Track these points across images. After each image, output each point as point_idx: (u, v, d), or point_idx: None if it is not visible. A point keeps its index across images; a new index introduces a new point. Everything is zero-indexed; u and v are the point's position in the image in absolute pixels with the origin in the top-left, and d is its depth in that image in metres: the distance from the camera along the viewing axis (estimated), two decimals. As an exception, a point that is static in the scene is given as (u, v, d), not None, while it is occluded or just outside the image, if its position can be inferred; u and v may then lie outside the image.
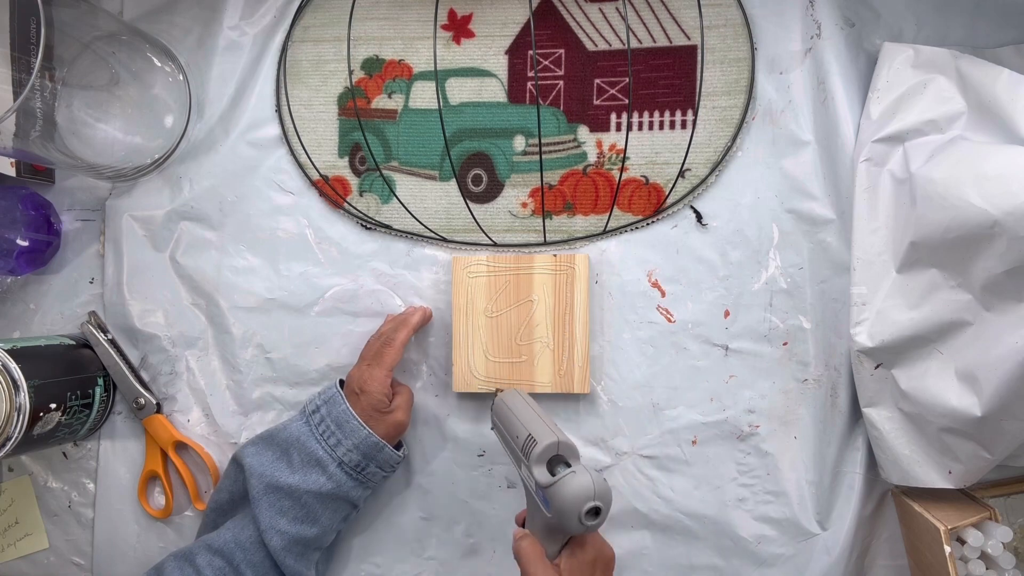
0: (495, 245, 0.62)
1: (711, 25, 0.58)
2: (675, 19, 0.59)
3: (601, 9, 0.60)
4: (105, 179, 0.64)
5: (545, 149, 0.60)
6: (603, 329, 0.60)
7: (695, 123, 0.58)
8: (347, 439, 0.54)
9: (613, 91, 0.60)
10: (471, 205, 0.61)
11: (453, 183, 0.61)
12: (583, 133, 0.60)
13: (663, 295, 0.60)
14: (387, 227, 0.62)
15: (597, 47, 0.60)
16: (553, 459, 0.44)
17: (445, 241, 0.62)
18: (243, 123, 0.63)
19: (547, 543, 0.44)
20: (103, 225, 0.65)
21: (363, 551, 0.63)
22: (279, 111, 0.63)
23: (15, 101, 0.49)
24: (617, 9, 0.59)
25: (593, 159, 0.60)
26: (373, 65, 0.62)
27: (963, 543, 0.51)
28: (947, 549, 0.49)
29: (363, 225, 0.63)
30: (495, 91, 0.61)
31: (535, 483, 0.43)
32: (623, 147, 0.59)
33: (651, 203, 0.59)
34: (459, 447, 0.62)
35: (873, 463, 0.56)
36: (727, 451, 0.59)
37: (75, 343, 0.62)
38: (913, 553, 0.55)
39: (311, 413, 0.56)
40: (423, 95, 0.62)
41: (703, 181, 0.59)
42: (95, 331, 0.63)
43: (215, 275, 0.63)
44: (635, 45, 0.59)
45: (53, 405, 0.56)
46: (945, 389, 0.49)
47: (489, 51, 0.61)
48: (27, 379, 0.54)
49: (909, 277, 0.52)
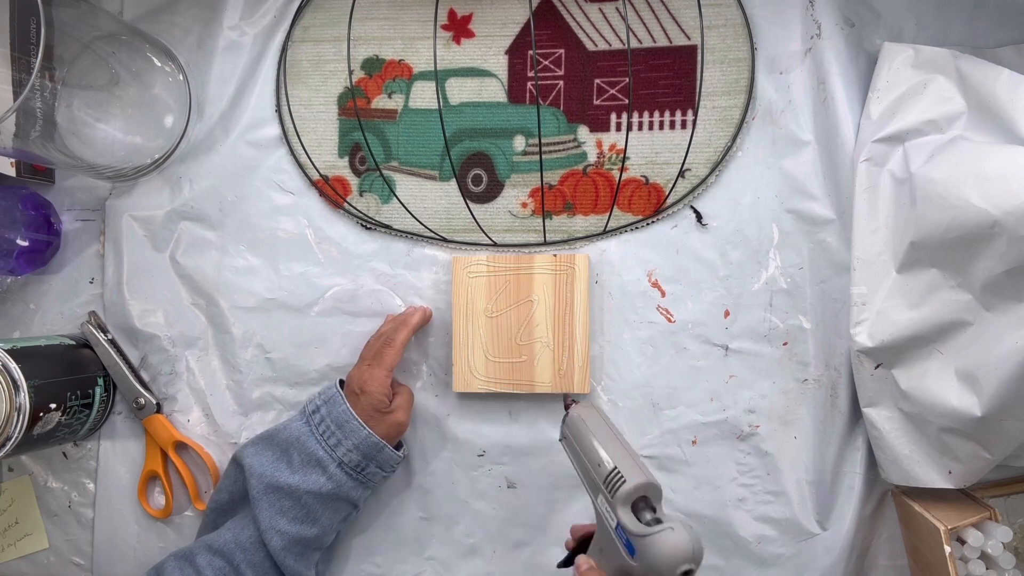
0: (495, 245, 0.62)
1: (711, 25, 0.58)
2: (675, 19, 0.59)
3: (601, 9, 0.59)
4: (105, 179, 0.64)
5: (545, 149, 0.60)
6: (603, 329, 0.60)
7: (695, 123, 0.58)
8: (347, 439, 0.54)
9: (613, 91, 0.60)
10: (471, 205, 0.61)
11: (453, 183, 0.61)
12: (583, 133, 0.60)
13: (663, 295, 0.60)
14: (387, 227, 0.62)
15: (597, 47, 0.60)
16: (639, 500, 0.42)
17: (445, 241, 0.62)
18: (243, 123, 0.63)
19: None
20: (103, 225, 0.65)
21: (363, 551, 0.63)
22: (279, 111, 0.63)
23: (15, 101, 0.49)
24: (617, 9, 0.59)
25: (593, 159, 0.60)
26: (373, 65, 0.62)
27: (963, 543, 0.51)
28: (947, 549, 0.49)
29: (363, 225, 0.63)
30: (495, 91, 0.61)
31: (617, 522, 0.41)
32: (623, 147, 0.59)
33: (651, 203, 0.59)
34: (459, 447, 0.62)
35: (873, 463, 0.56)
36: (727, 451, 0.59)
37: (75, 343, 0.62)
38: (913, 553, 0.55)
39: (311, 413, 0.56)
40: (423, 95, 0.62)
41: (703, 181, 0.59)
42: (95, 331, 0.63)
43: (215, 275, 0.63)
44: (635, 45, 0.59)
45: (53, 405, 0.56)
46: (945, 389, 0.49)
47: (489, 51, 0.61)
48: (27, 379, 0.54)
49: (909, 277, 0.52)
